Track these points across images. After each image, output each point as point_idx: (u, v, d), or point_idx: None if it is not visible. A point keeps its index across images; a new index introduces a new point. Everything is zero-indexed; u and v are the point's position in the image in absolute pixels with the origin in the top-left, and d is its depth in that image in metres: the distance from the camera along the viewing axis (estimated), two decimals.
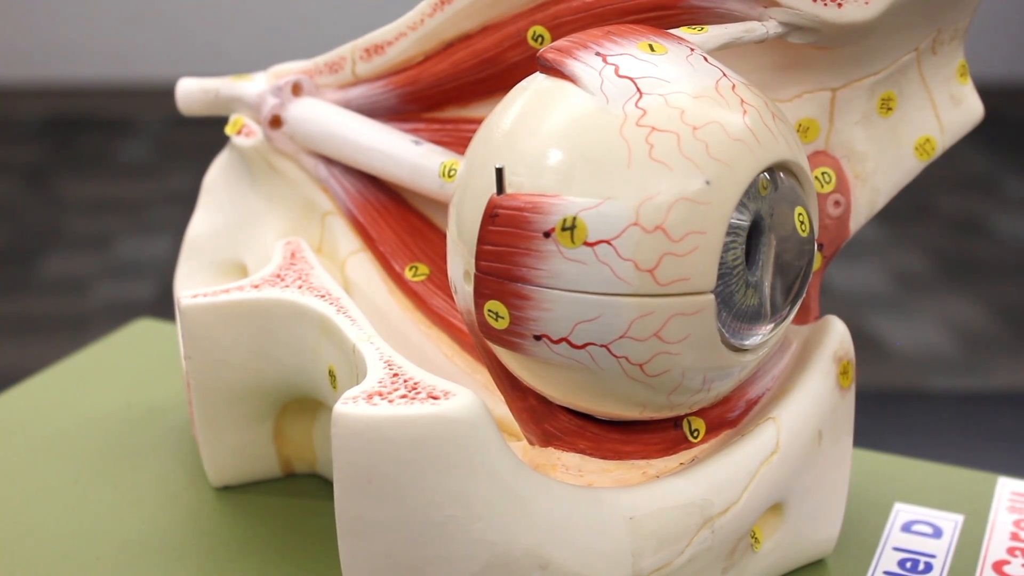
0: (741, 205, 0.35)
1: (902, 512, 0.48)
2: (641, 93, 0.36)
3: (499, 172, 0.36)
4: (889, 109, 0.44)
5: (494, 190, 0.36)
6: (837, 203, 0.44)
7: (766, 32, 0.40)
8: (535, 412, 0.39)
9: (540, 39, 0.44)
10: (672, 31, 0.39)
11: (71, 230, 1.85)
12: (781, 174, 0.37)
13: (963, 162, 2.07)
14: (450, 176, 0.45)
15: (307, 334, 0.43)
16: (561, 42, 0.38)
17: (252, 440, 0.48)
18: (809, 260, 0.39)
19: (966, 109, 0.44)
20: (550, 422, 0.39)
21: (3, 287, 1.67)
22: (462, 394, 0.35)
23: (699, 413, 0.41)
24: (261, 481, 0.49)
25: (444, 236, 0.47)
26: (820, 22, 0.40)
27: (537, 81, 0.38)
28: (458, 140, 0.47)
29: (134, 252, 1.77)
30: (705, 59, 0.37)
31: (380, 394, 0.36)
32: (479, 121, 0.45)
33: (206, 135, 0.89)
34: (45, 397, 0.57)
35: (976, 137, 0.50)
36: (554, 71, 0.37)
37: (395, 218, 0.48)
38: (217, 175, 0.51)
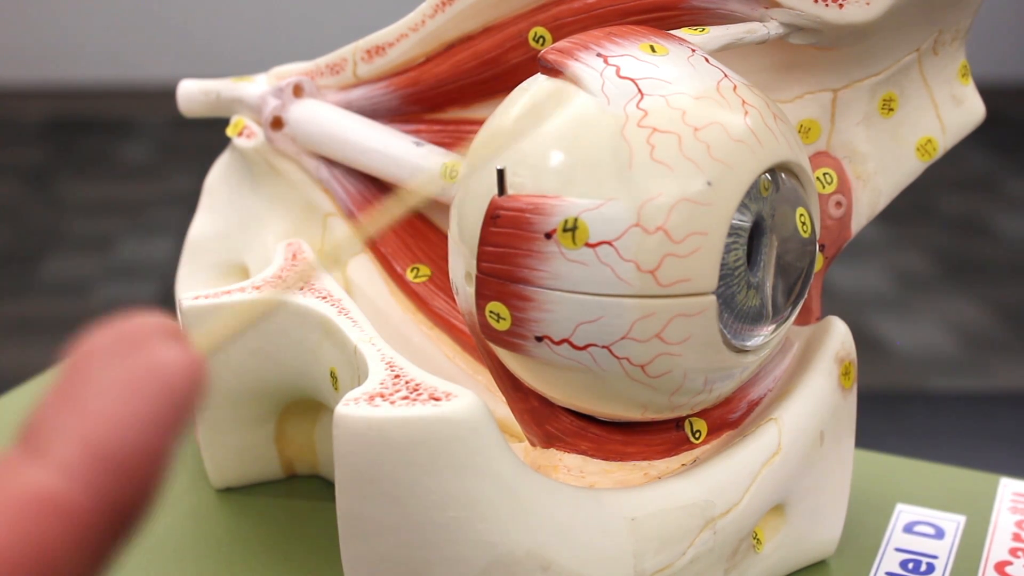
0: (743, 206, 0.35)
1: (904, 513, 0.48)
2: (642, 94, 0.35)
3: (500, 173, 0.36)
4: (890, 110, 0.44)
5: (495, 191, 0.36)
6: (839, 204, 0.44)
7: (767, 33, 0.40)
8: (537, 413, 0.39)
9: (541, 40, 0.44)
10: (673, 32, 0.39)
11: (72, 232, 1.85)
12: (783, 175, 0.37)
13: (964, 162, 2.07)
14: (452, 177, 0.45)
15: (309, 336, 0.43)
16: (562, 43, 0.38)
17: (254, 441, 0.48)
18: (811, 261, 0.39)
19: (968, 109, 0.44)
20: (552, 423, 0.39)
21: (5, 289, 1.67)
22: (464, 395, 0.35)
23: (701, 414, 0.41)
24: (263, 483, 0.49)
25: (445, 237, 0.47)
26: (821, 23, 0.40)
27: (538, 82, 0.38)
28: (459, 141, 0.47)
29: (135, 254, 1.77)
30: (706, 60, 0.37)
31: (382, 395, 0.35)
32: (480, 122, 0.45)
33: (207, 137, 0.89)
34: None
35: (977, 137, 0.49)
36: (555, 72, 0.37)
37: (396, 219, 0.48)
38: (218, 177, 0.51)
